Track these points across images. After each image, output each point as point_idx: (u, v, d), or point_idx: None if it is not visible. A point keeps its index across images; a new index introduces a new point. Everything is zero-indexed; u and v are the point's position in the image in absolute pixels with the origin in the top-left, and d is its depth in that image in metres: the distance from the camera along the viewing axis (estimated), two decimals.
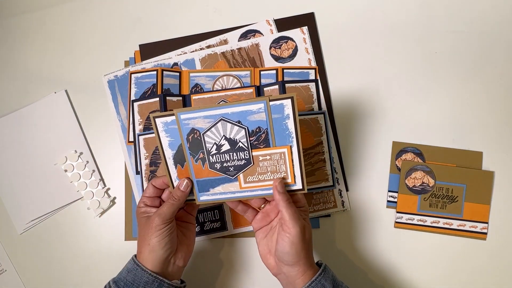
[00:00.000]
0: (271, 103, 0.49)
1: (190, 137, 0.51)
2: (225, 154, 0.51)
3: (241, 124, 0.50)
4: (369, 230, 0.65)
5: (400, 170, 0.66)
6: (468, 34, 0.69)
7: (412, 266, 0.64)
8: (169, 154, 0.53)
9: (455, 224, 0.64)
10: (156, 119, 0.51)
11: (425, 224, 0.65)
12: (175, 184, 0.53)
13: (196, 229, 0.65)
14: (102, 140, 0.69)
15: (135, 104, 0.67)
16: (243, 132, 0.50)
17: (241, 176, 0.52)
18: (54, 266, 0.67)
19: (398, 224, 0.65)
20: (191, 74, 0.68)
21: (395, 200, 0.65)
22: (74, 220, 0.68)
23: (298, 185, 0.52)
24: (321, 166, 0.65)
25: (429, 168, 0.65)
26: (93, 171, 0.68)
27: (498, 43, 0.69)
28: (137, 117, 0.66)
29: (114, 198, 0.68)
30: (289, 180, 0.52)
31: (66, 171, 0.68)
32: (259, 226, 0.55)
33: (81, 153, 0.68)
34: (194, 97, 0.67)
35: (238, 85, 0.67)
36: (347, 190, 0.66)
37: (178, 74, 0.68)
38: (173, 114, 0.51)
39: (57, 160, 0.68)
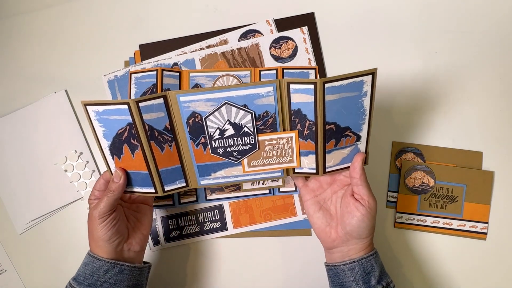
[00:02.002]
0: (348, 80, 0.46)
1: (190, 121, 0.48)
2: (229, 139, 0.49)
3: (247, 108, 0.47)
4: None
5: (400, 170, 0.66)
6: (468, 34, 0.69)
7: (412, 266, 0.64)
8: (104, 144, 0.49)
9: (455, 224, 0.64)
10: (88, 107, 0.47)
11: (425, 224, 0.65)
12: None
13: (196, 229, 0.66)
14: None
15: None
16: (249, 117, 0.48)
17: (245, 160, 0.50)
18: (54, 266, 0.67)
19: (398, 224, 0.65)
20: (191, 74, 0.68)
21: (395, 200, 0.65)
22: (74, 220, 0.68)
23: (306, 169, 0.51)
24: None
25: (429, 168, 0.65)
26: (93, 171, 0.68)
27: (498, 43, 0.69)
28: None
29: None
30: (295, 164, 0.50)
31: (66, 171, 0.68)
32: (311, 196, 0.55)
33: (81, 153, 0.68)
34: None
35: None
36: None
37: (178, 74, 0.68)
38: (100, 104, 0.46)
39: (57, 160, 0.68)
